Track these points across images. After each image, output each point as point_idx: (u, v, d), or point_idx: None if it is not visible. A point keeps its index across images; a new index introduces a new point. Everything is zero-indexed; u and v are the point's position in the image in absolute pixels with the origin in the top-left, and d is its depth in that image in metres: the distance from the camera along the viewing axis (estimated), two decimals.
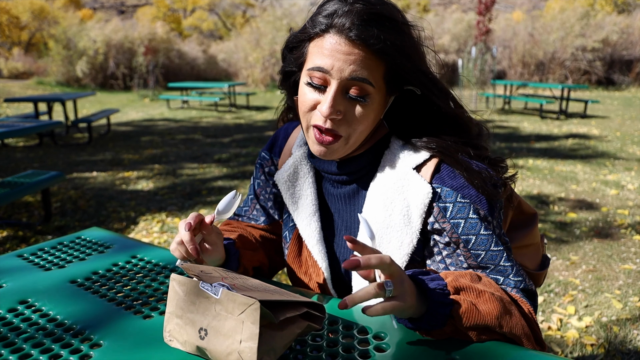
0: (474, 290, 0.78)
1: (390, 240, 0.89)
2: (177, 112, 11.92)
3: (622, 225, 3.79)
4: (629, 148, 6.91)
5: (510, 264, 0.87)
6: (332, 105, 0.83)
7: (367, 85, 0.83)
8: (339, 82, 0.83)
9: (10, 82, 19.92)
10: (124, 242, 1.26)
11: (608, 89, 17.11)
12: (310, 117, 0.88)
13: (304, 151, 1.04)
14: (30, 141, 7.90)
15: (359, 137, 0.89)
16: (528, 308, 0.84)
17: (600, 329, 2.36)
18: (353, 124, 0.86)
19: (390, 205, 0.90)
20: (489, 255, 0.87)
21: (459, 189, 0.87)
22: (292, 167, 1.03)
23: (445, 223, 0.87)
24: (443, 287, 0.76)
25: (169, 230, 3.78)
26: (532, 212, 1.13)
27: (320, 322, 0.77)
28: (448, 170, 0.89)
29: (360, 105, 0.85)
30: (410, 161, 0.90)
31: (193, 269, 0.78)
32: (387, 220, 0.90)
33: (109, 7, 44.99)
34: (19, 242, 3.51)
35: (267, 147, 1.14)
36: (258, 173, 1.14)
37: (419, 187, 0.88)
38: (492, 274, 0.88)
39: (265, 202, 1.14)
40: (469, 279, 0.80)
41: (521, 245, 1.09)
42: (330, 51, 0.82)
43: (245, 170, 5.77)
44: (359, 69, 0.81)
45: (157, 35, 21.27)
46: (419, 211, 0.88)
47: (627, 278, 2.91)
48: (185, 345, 0.73)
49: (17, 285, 1.01)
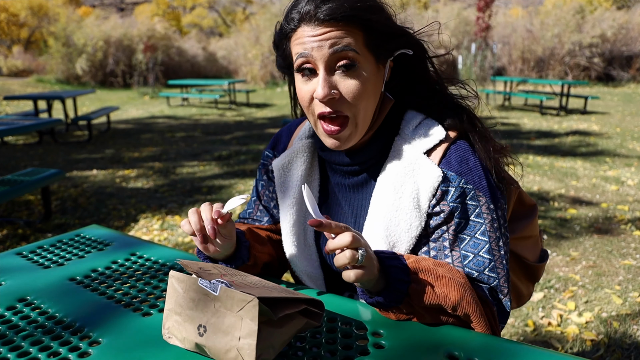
0: (433, 273, 0.81)
1: (399, 223, 0.90)
2: (177, 110, 11.91)
3: (622, 221, 3.79)
4: (629, 144, 6.91)
5: (490, 257, 0.88)
6: (325, 84, 0.84)
7: (350, 52, 0.83)
8: (324, 63, 0.84)
9: (10, 79, 19.90)
10: (124, 239, 1.26)
11: (608, 85, 17.09)
12: (314, 110, 0.89)
13: (304, 144, 1.04)
14: (30, 139, 7.90)
15: (365, 114, 0.88)
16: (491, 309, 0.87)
17: (600, 325, 2.36)
18: (353, 99, 0.85)
19: (401, 189, 0.90)
20: (471, 242, 0.88)
21: (464, 174, 0.88)
22: (287, 157, 1.04)
23: (445, 205, 0.89)
24: (403, 266, 0.79)
25: (169, 228, 3.78)
26: (532, 203, 1.14)
27: (319, 319, 0.77)
28: (456, 155, 0.90)
29: (352, 75, 0.85)
30: (421, 146, 0.92)
31: (192, 265, 0.78)
32: (396, 203, 0.90)
33: (108, 5, 44.88)
34: (19, 240, 3.51)
35: (270, 146, 1.14)
36: (261, 173, 1.14)
37: (429, 170, 0.89)
38: (468, 266, 0.88)
39: (268, 202, 1.13)
40: (431, 263, 0.83)
41: (521, 237, 1.09)
42: (306, 39, 0.84)
43: (246, 168, 5.77)
44: (336, 41, 0.82)
45: (157, 32, 21.23)
46: (428, 194, 0.89)
47: (627, 274, 2.92)
48: (184, 342, 0.73)
49: (16, 283, 1.01)
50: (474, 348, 0.75)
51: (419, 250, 0.92)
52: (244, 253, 0.97)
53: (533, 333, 2.32)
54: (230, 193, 4.71)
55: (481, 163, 0.90)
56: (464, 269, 0.88)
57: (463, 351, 0.74)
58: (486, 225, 0.88)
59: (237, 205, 0.89)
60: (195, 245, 0.93)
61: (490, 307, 0.87)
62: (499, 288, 0.89)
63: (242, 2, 42.23)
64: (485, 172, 0.90)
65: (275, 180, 1.05)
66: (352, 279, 0.74)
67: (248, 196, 0.91)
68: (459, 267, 0.89)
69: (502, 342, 0.77)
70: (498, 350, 0.75)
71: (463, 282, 0.83)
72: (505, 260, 0.90)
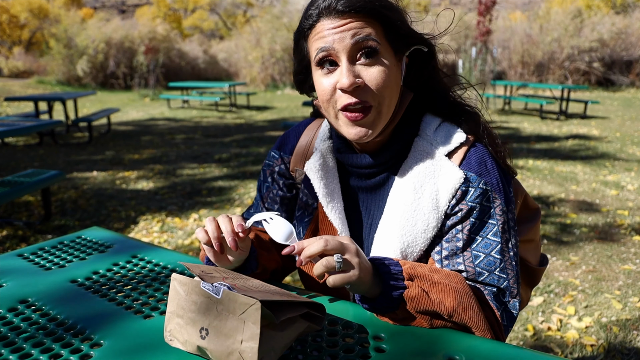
0: (429, 280, 0.82)
1: (416, 223, 0.90)
2: (178, 112, 11.92)
3: (622, 226, 3.79)
4: (629, 149, 6.91)
5: (500, 257, 0.89)
6: (349, 74, 0.84)
7: (371, 42, 0.84)
8: (346, 53, 0.84)
9: (11, 81, 19.92)
10: (125, 242, 1.26)
11: (608, 90, 17.11)
12: (335, 103, 0.88)
13: (328, 145, 1.04)
14: (31, 140, 7.90)
15: (389, 102, 0.88)
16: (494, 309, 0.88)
17: (600, 330, 2.36)
18: (377, 87, 0.86)
19: (421, 189, 0.91)
20: (483, 242, 0.89)
21: (483, 175, 0.90)
22: (321, 158, 1.02)
23: (464, 204, 0.90)
24: (398, 272, 0.81)
25: (169, 230, 3.78)
26: (536, 207, 1.15)
27: (321, 323, 0.77)
28: (475, 157, 0.92)
29: (374, 64, 0.85)
30: (443, 148, 0.93)
31: (194, 268, 0.78)
32: (415, 202, 0.91)
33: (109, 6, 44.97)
34: (19, 241, 3.51)
35: (276, 147, 1.13)
36: (265, 175, 1.13)
37: (451, 173, 0.90)
38: (479, 265, 0.89)
39: (271, 205, 1.12)
40: (427, 269, 0.84)
41: (525, 240, 1.10)
42: (327, 32, 0.85)
43: (246, 170, 5.77)
44: (358, 31, 0.84)
45: (158, 34, 21.26)
46: (448, 195, 0.90)
47: (627, 278, 2.92)
48: (186, 345, 0.73)
49: (17, 284, 1.01)
50: (475, 352, 0.75)
51: (432, 251, 0.93)
52: (253, 263, 0.97)
53: (533, 338, 2.32)
54: (230, 195, 4.71)
55: (497, 165, 0.93)
56: (474, 269, 0.89)
57: (464, 355, 0.74)
58: (498, 226, 0.89)
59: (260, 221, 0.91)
60: (205, 253, 0.92)
61: (492, 312, 0.87)
62: (508, 289, 0.90)
63: (242, 4, 42.32)
64: (500, 175, 0.92)
65: (313, 181, 1.01)
66: (332, 284, 0.76)
67: (275, 215, 0.90)
68: (469, 267, 0.89)
69: (503, 346, 0.78)
70: (499, 355, 0.75)
71: (460, 287, 0.83)
72: (515, 262, 0.91)
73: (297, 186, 1.10)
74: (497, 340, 0.85)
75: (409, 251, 0.91)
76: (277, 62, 19.28)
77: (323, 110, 0.93)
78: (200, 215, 4.13)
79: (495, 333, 0.86)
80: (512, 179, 0.97)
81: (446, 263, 0.91)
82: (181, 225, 3.88)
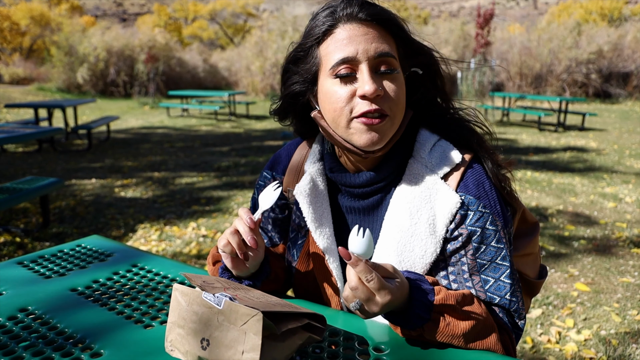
0: (457, 313, 0.80)
1: (414, 248, 0.89)
2: (177, 120, 11.94)
3: (620, 238, 3.79)
4: (627, 161, 6.94)
5: (510, 282, 0.88)
6: (372, 82, 0.83)
7: (392, 59, 0.86)
8: (368, 62, 0.84)
9: (11, 87, 19.93)
10: (125, 250, 1.26)
11: (605, 102, 17.20)
12: (351, 110, 0.86)
13: (318, 168, 1.02)
14: (30, 147, 7.90)
15: (400, 117, 0.89)
16: (508, 333, 0.89)
17: (599, 343, 2.35)
18: (395, 99, 0.86)
19: (417, 214, 0.90)
20: (492, 267, 0.88)
21: (482, 198, 0.89)
22: (311, 182, 1.00)
23: (463, 229, 0.88)
24: (429, 303, 0.79)
25: (167, 239, 3.77)
26: (534, 221, 1.15)
27: (321, 334, 0.77)
28: (472, 179, 0.91)
29: (393, 79, 0.86)
30: (438, 170, 0.91)
31: (195, 278, 0.78)
32: (412, 228, 0.90)
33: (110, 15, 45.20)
34: (16, 249, 3.50)
35: (268, 167, 1.11)
36: (258, 195, 1.11)
37: (447, 197, 0.89)
38: (490, 290, 0.88)
39: (265, 225, 1.12)
40: (461, 299, 0.82)
41: (523, 254, 1.10)
42: (349, 39, 0.85)
43: (245, 179, 5.78)
44: (381, 44, 0.85)
45: (158, 43, 21.35)
46: (445, 220, 0.88)
47: (625, 291, 2.91)
48: (186, 356, 0.73)
49: (17, 292, 1.01)
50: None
51: (436, 275, 0.92)
52: (266, 267, 0.97)
53: (532, 350, 2.31)
54: (228, 204, 4.70)
55: (494, 187, 0.92)
56: (485, 294, 0.89)
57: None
58: (506, 250, 0.88)
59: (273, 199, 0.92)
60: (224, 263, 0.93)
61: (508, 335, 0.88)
62: (518, 311, 0.90)
63: (243, 14, 42.56)
64: (498, 196, 0.91)
65: (302, 206, 0.98)
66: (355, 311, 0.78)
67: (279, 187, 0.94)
68: (480, 291, 0.89)
69: (503, 359, 0.78)
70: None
71: (483, 320, 0.83)
72: (518, 283, 0.91)
73: (291, 206, 1.08)
74: None
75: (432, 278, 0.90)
76: (278, 71, 19.35)
77: (328, 122, 0.91)
78: (198, 224, 4.13)
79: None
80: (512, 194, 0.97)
81: (455, 287, 0.90)
82: (179, 234, 3.87)
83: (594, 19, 22.47)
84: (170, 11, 44.17)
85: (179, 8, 45.17)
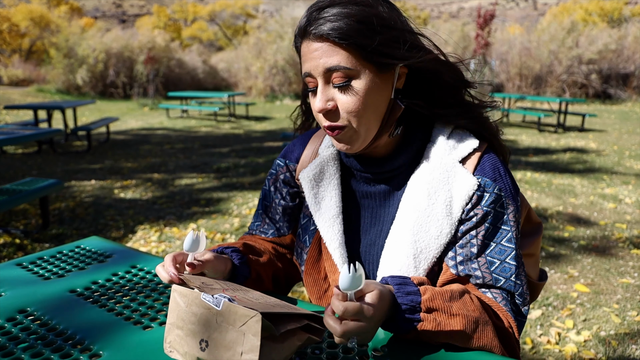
0: (447, 312, 0.79)
1: (429, 229, 0.90)
2: (177, 122, 11.95)
3: (620, 239, 3.79)
4: (626, 162, 6.94)
5: (515, 264, 0.89)
6: (321, 98, 0.87)
7: (343, 71, 0.84)
8: (320, 78, 0.86)
9: (10, 89, 19.95)
10: (124, 251, 1.26)
11: (605, 103, 17.22)
12: (320, 121, 0.91)
13: (332, 152, 1.03)
14: (29, 148, 7.90)
15: (365, 122, 0.87)
16: (509, 322, 0.87)
17: (599, 344, 2.35)
18: (352, 109, 0.86)
19: (434, 195, 0.91)
20: (497, 248, 0.89)
21: (497, 181, 0.90)
22: (318, 167, 1.02)
23: (479, 209, 0.89)
24: (416, 305, 0.77)
25: (167, 240, 3.77)
26: (538, 221, 1.16)
27: (321, 335, 0.77)
28: (490, 163, 0.92)
29: (347, 90, 0.86)
30: (456, 154, 0.93)
31: (194, 280, 0.78)
32: (429, 209, 0.91)
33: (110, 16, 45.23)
34: (16, 250, 3.50)
35: (282, 155, 1.13)
36: (269, 184, 1.13)
37: (465, 179, 0.90)
38: (495, 272, 0.88)
39: (273, 215, 1.12)
40: (448, 297, 0.81)
41: (526, 254, 1.10)
42: (304, 56, 0.88)
43: (244, 180, 5.78)
44: (328, 59, 0.84)
45: (157, 44, 21.36)
46: (462, 202, 0.89)
47: (625, 292, 2.91)
48: (185, 357, 0.73)
49: (16, 294, 1.01)
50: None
51: (445, 257, 0.92)
52: (244, 269, 0.96)
53: (531, 351, 2.31)
54: (228, 206, 4.70)
55: (509, 172, 0.94)
56: (491, 275, 0.89)
57: None
58: (512, 232, 0.89)
59: (202, 245, 0.89)
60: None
61: (510, 326, 0.87)
62: (522, 295, 0.89)
63: (242, 15, 42.61)
64: (512, 182, 0.93)
65: (305, 191, 1.02)
66: None
67: (201, 232, 0.90)
68: (486, 272, 0.89)
69: None
70: None
71: (476, 316, 0.81)
72: (524, 269, 0.91)
73: (302, 195, 1.08)
74: (514, 355, 0.84)
75: (421, 257, 0.90)
76: (277, 72, 19.36)
77: None
78: (198, 225, 4.13)
79: (511, 352, 0.84)
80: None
81: (461, 268, 0.90)
82: (179, 235, 3.87)
83: (594, 20, 22.49)
84: (169, 12, 44.22)
85: (178, 9, 45.24)
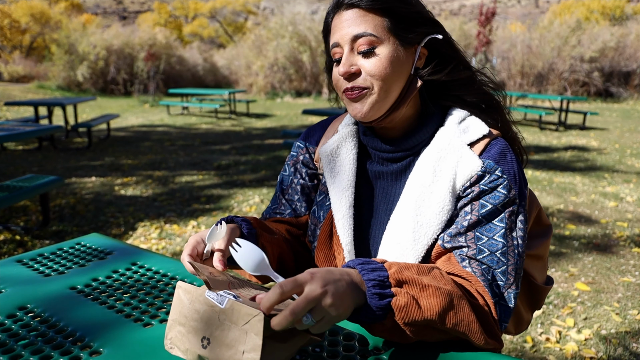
0: (418, 284, 0.75)
1: (431, 205, 0.92)
2: (177, 119, 11.94)
3: (621, 238, 3.79)
4: (628, 160, 6.93)
5: (504, 241, 0.88)
6: (344, 63, 0.92)
7: (369, 37, 0.90)
8: (347, 45, 0.92)
9: (11, 85, 19.95)
10: (124, 248, 1.26)
11: (607, 101, 17.19)
12: (340, 88, 0.95)
13: (351, 129, 1.06)
14: (30, 145, 7.89)
15: (386, 88, 0.92)
16: (486, 299, 0.84)
17: (600, 342, 2.35)
18: (375, 73, 0.91)
19: (440, 173, 0.93)
20: (487, 225, 0.90)
21: (500, 164, 0.92)
22: (336, 142, 1.05)
23: (476, 187, 0.91)
24: (384, 279, 0.73)
25: (167, 237, 3.77)
26: (548, 223, 1.16)
27: (322, 334, 0.76)
28: (497, 148, 0.95)
29: (370, 56, 0.91)
30: (466, 138, 0.96)
31: (202, 269, 0.76)
32: (432, 185, 0.93)
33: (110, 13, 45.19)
34: (16, 247, 3.50)
35: (302, 137, 1.16)
36: (288, 167, 1.15)
37: (471, 161, 0.92)
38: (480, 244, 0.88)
39: (292, 195, 1.13)
40: (415, 271, 0.77)
41: (534, 255, 1.10)
42: (335, 27, 0.94)
43: (245, 178, 5.77)
44: (356, 27, 0.90)
45: (158, 41, 21.32)
46: (463, 180, 0.92)
47: (626, 291, 2.91)
48: (186, 354, 0.72)
49: (16, 290, 1.01)
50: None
51: (443, 233, 0.93)
52: (251, 240, 0.93)
53: (532, 349, 2.31)
54: (228, 203, 4.70)
55: (517, 159, 0.95)
56: (475, 246, 0.89)
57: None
58: (505, 213, 0.90)
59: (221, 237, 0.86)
60: None
61: (487, 305, 0.84)
62: (505, 274, 0.87)
63: (243, 12, 42.55)
64: (519, 168, 0.94)
65: (323, 167, 1.06)
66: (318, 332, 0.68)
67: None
68: (471, 243, 0.89)
69: (504, 359, 0.77)
70: None
71: (449, 289, 0.77)
72: (518, 253, 0.89)
73: (319, 176, 1.12)
74: (494, 337, 0.81)
75: (421, 232, 0.91)
76: (278, 70, 19.34)
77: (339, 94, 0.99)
78: (198, 222, 4.12)
79: (490, 332, 0.81)
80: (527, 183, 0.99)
81: (447, 240, 0.91)
82: (179, 232, 3.87)
83: (596, 17, 22.43)
84: (170, 9, 44.14)
85: (179, 6, 45.16)
